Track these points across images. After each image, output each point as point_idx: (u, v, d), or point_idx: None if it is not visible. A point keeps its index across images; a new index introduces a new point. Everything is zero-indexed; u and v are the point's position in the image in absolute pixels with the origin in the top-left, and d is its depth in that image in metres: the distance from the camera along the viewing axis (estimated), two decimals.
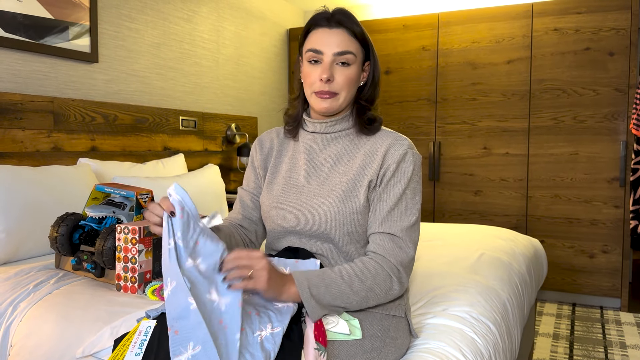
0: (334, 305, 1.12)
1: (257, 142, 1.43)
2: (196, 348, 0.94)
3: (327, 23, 1.23)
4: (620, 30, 3.37)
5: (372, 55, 1.29)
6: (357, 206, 1.22)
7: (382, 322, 1.21)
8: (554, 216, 3.60)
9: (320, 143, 1.32)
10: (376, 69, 1.31)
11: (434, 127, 3.96)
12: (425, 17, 3.96)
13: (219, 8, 3.75)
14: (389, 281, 1.17)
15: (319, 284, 1.10)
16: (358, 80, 1.27)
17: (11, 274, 1.74)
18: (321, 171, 1.28)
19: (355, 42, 1.24)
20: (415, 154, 1.25)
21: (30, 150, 2.34)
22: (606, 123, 3.44)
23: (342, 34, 1.22)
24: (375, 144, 1.27)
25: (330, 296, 1.10)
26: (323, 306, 1.10)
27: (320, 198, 1.24)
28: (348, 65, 1.23)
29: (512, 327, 1.64)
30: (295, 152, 1.35)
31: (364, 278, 1.14)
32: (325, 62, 1.22)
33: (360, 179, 1.24)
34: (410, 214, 1.21)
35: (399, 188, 1.21)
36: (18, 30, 2.36)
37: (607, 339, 2.93)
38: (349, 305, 1.14)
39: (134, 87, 3.03)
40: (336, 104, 1.25)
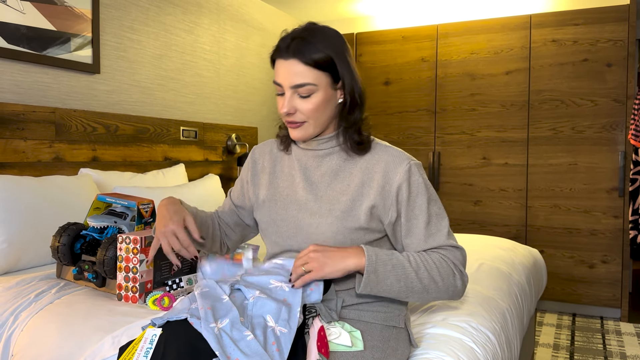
0: (392, 288, 1.14)
1: (251, 158, 1.42)
2: (224, 321, 1.02)
3: (284, 53, 1.16)
4: (617, 42, 3.40)
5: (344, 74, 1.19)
6: (357, 226, 1.21)
7: (382, 333, 1.21)
8: (553, 226, 3.61)
9: (314, 160, 1.29)
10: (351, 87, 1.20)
11: (434, 138, 3.98)
12: (424, 28, 3.99)
13: (220, 20, 3.78)
14: (452, 277, 1.19)
15: (386, 261, 1.13)
16: (328, 104, 1.20)
17: (12, 283, 1.74)
18: (319, 189, 1.25)
19: (313, 71, 1.15)
20: (417, 164, 1.24)
21: (32, 161, 2.35)
22: (605, 133, 3.45)
23: (297, 65, 1.15)
24: (372, 160, 1.24)
25: (394, 276, 1.13)
26: (381, 285, 1.13)
27: (319, 217, 1.22)
28: (309, 96, 1.17)
29: (512, 337, 1.65)
30: (291, 168, 1.32)
31: (429, 267, 1.16)
32: (285, 95, 1.18)
33: (359, 199, 1.21)
34: (442, 219, 1.23)
35: (422, 201, 1.21)
36: (21, 41, 2.38)
37: (608, 349, 2.93)
38: (409, 291, 1.16)
39: (135, 98, 3.05)
40: (308, 132, 1.21)
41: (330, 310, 1.17)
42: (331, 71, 1.18)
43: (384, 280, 1.13)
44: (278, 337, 1.03)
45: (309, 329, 1.12)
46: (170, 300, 1.52)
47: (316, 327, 1.09)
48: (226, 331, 1.00)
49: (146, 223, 1.79)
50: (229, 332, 1.00)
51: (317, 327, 1.09)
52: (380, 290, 1.14)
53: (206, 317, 1.01)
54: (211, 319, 1.01)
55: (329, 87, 1.19)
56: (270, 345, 1.00)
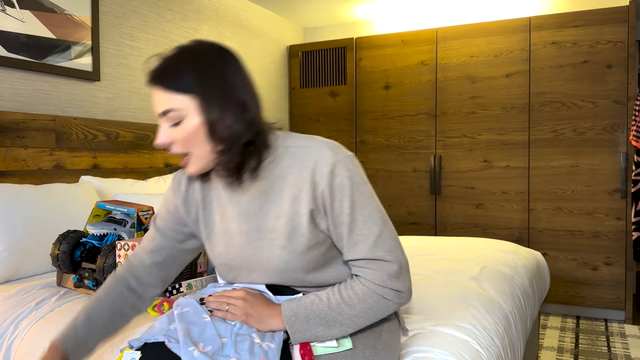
0: (325, 335, 1.09)
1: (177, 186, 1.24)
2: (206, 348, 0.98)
3: (149, 81, 1.07)
4: (617, 43, 3.40)
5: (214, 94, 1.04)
6: (305, 244, 1.10)
7: (373, 328, 1.18)
8: (556, 228, 3.60)
9: (235, 202, 1.15)
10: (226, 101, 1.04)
11: (434, 141, 3.98)
12: (424, 32, 3.99)
13: (220, 26, 3.79)
14: (382, 301, 1.10)
15: (305, 317, 1.08)
16: (205, 129, 1.05)
17: (13, 292, 1.74)
18: (252, 217, 1.13)
19: (176, 96, 1.03)
20: (342, 160, 1.08)
21: (32, 169, 2.35)
22: (606, 135, 3.45)
23: (159, 92, 1.05)
24: (297, 169, 1.10)
25: (320, 326, 1.08)
26: (314, 337, 1.09)
27: (265, 251, 1.12)
28: (178, 123, 1.05)
29: (515, 340, 1.64)
30: (219, 197, 1.18)
31: (353, 302, 1.09)
32: (159, 127, 1.09)
33: (296, 218, 1.10)
34: (370, 225, 1.09)
35: (346, 206, 1.07)
36: (21, 50, 2.39)
37: (612, 351, 2.91)
38: (345, 329, 1.10)
39: (135, 105, 3.06)
40: (197, 165, 1.09)
41: None
42: (198, 93, 1.04)
43: (313, 332, 1.08)
44: (266, 352, 1.01)
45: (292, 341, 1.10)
46: (170, 306, 1.51)
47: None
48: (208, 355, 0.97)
49: (146, 230, 1.78)
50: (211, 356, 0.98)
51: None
52: (312, 337, 1.09)
53: (185, 341, 0.99)
54: (189, 343, 0.99)
55: (199, 111, 1.04)
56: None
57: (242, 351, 1.00)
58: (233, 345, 1.01)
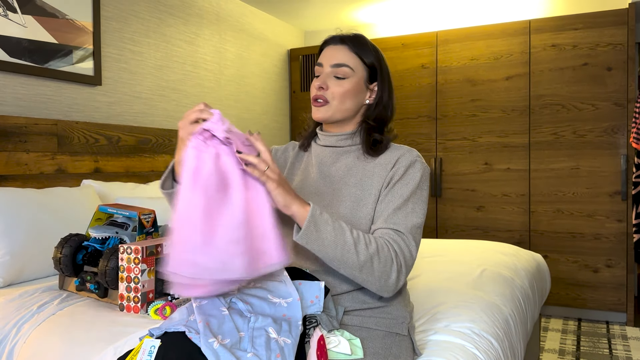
0: (327, 249, 1.11)
1: (273, 150, 1.49)
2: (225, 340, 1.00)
3: (336, 41, 1.31)
4: (617, 46, 3.40)
5: (380, 76, 1.32)
6: (365, 214, 1.24)
7: (384, 340, 1.21)
8: (556, 231, 3.60)
9: (331, 156, 1.35)
10: (385, 91, 1.33)
11: (435, 144, 3.98)
12: (424, 35, 4.01)
13: (221, 30, 3.80)
14: (390, 265, 1.14)
15: (328, 220, 1.12)
16: (357, 95, 1.30)
17: (15, 295, 1.75)
18: (332, 182, 1.31)
19: (355, 58, 1.29)
20: (424, 164, 1.28)
21: (34, 173, 2.37)
22: (606, 137, 3.45)
23: (342, 49, 1.29)
24: (386, 157, 1.30)
25: (332, 237, 1.11)
26: (319, 241, 1.10)
27: (330, 208, 1.26)
28: (343, 79, 1.28)
29: (515, 343, 1.64)
30: (308, 164, 1.39)
31: (370, 246, 1.13)
32: (323, 74, 1.30)
33: (369, 189, 1.26)
34: (415, 216, 1.21)
35: (407, 190, 1.22)
36: (23, 55, 2.40)
37: (614, 354, 2.91)
38: (343, 261, 1.11)
39: (136, 109, 3.07)
40: (329, 113, 1.30)
41: (331, 318, 1.17)
42: (370, 70, 1.31)
43: (322, 237, 1.11)
44: (282, 348, 1.02)
45: (309, 338, 1.11)
46: (172, 310, 1.52)
47: (316, 336, 1.09)
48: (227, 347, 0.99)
49: (147, 233, 1.79)
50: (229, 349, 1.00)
51: (316, 337, 1.08)
52: (316, 247, 1.12)
53: (205, 332, 1.01)
54: (209, 334, 1.00)
55: (363, 81, 1.30)
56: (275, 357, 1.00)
57: (259, 346, 1.01)
58: (250, 340, 1.03)
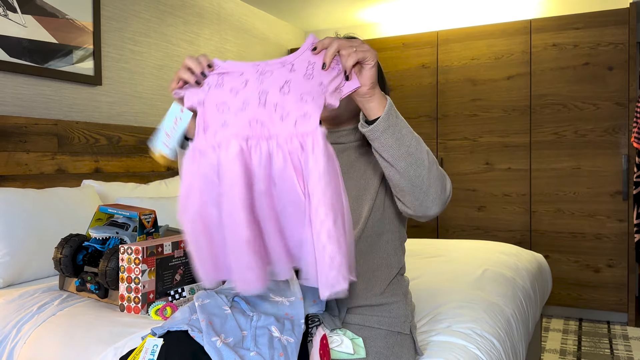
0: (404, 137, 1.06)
1: None
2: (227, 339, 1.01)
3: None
4: (618, 45, 3.40)
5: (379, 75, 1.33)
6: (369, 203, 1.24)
7: (386, 339, 1.20)
8: (558, 231, 3.59)
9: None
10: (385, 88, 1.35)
11: (436, 144, 3.98)
12: (425, 35, 4.00)
13: (221, 30, 3.80)
14: (443, 173, 1.11)
15: (401, 116, 1.09)
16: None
17: (15, 295, 1.75)
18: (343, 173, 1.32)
19: None
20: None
21: (34, 173, 2.36)
22: (607, 137, 3.44)
23: None
24: None
25: (407, 129, 1.07)
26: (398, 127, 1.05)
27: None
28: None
29: (517, 343, 1.63)
30: None
31: (429, 153, 1.10)
32: None
33: (372, 179, 1.27)
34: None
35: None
36: (23, 54, 2.40)
37: (615, 354, 2.90)
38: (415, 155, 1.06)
39: (137, 109, 3.07)
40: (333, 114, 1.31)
41: (334, 317, 1.17)
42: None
43: (401, 126, 1.06)
44: (285, 347, 1.02)
45: (312, 337, 1.11)
46: (173, 310, 1.52)
47: (318, 335, 1.08)
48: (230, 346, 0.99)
49: (148, 233, 1.79)
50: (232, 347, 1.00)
51: (319, 336, 1.08)
52: (394, 136, 1.06)
53: (207, 331, 1.01)
54: (212, 333, 1.00)
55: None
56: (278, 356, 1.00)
57: (262, 345, 1.01)
58: (253, 339, 1.03)
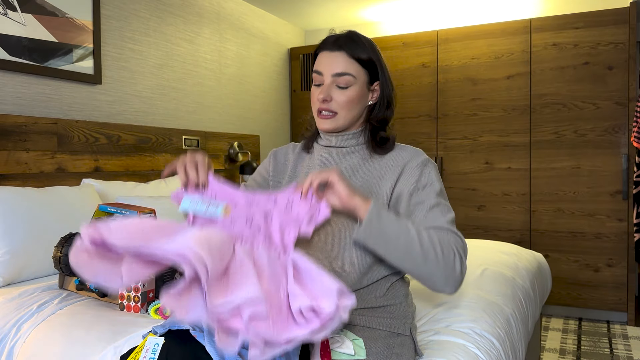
0: (390, 242, 1.08)
1: (273, 154, 1.45)
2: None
3: (331, 46, 1.25)
4: (618, 45, 3.40)
5: (381, 76, 1.29)
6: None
7: (387, 341, 1.20)
8: (557, 230, 3.60)
9: (335, 156, 1.32)
10: (386, 89, 1.30)
11: (435, 143, 3.98)
12: (425, 34, 4.00)
13: (221, 29, 3.80)
14: (452, 257, 1.11)
15: (390, 214, 1.10)
16: (361, 100, 1.27)
17: (15, 294, 1.75)
18: None
19: (355, 64, 1.24)
20: (433, 162, 1.28)
21: (34, 172, 2.36)
22: (607, 136, 3.44)
23: (341, 56, 1.24)
24: (392, 157, 1.28)
25: (396, 229, 1.08)
26: (382, 235, 1.08)
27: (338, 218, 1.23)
28: (346, 87, 1.24)
29: (516, 343, 1.64)
30: (311, 166, 1.35)
31: (431, 238, 1.11)
32: (325, 84, 1.25)
33: (375, 189, 1.24)
34: (448, 211, 1.20)
35: (431, 190, 1.21)
36: (23, 53, 2.39)
37: (615, 353, 2.90)
38: (407, 253, 1.08)
39: (137, 108, 3.06)
40: (336, 123, 1.27)
41: None
42: (370, 71, 1.27)
43: (385, 230, 1.08)
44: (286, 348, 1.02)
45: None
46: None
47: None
48: None
49: None
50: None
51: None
52: (378, 242, 1.08)
53: (209, 330, 1.00)
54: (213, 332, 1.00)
55: (365, 85, 1.27)
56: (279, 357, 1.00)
57: None
58: None
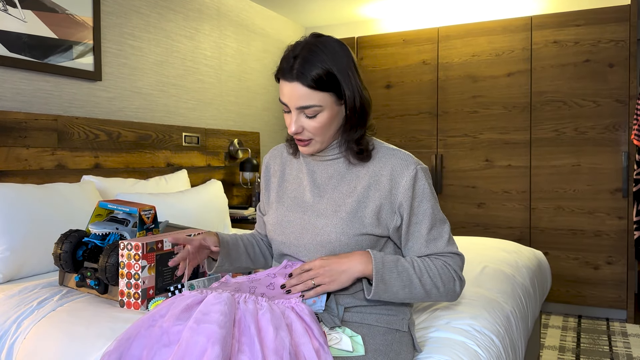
0: (397, 294, 1.17)
1: (264, 164, 1.46)
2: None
3: (287, 75, 1.16)
4: (619, 42, 3.39)
5: (347, 89, 1.18)
6: (362, 228, 1.21)
7: (385, 337, 1.21)
8: (557, 228, 3.60)
9: (320, 166, 1.31)
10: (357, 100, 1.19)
11: (436, 140, 3.97)
12: (425, 31, 3.99)
13: (221, 25, 3.79)
14: (453, 283, 1.22)
15: (392, 268, 1.16)
16: (334, 120, 1.20)
17: (15, 291, 1.75)
18: (325, 191, 1.27)
19: (315, 93, 1.15)
20: (423, 169, 1.24)
21: (34, 169, 2.36)
22: (607, 134, 3.44)
23: (300, 88, 1.14)
24: (379, 164, 1.24)
25: (400, 283, 1.17)
26: (388, 293, 1.17)
27: (324, 218, 1.23)
28: (314, 116, 1.17)
29: (516, 340, 1.64)
30: (299, 171, 1.35)
31: (432, 274, 1.20)
32: (292, 115, 1.19)
33: (365, 201, 1.22)
34: (444, 224, 1.25)
35: (427, 207, 1.22)
36: (23, 50, 2.39)
37: (614, 350, 2.91)
38: (412, 297, 1.19)
39: (137, 105, 3.06)
40: (315, 147, 1.24)
41: (333, 316, 1.17)
42: (334, 89, 1.17)
43: (391, 288, 1.16)
44: None
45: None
46: None
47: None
48: None
49: (148, 229, 1.79)
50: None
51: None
52: (386, 297, 1.18)
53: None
54: None
55: (334, 105, 1.19)
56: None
57: None
58: None
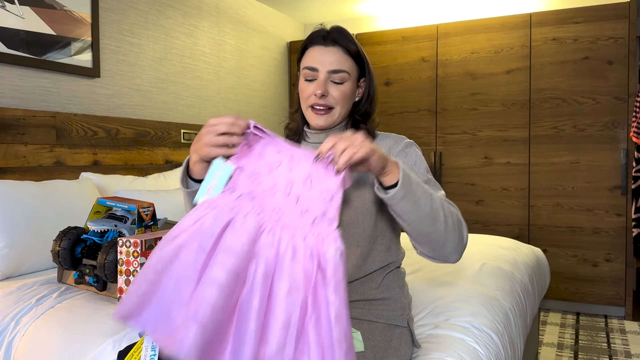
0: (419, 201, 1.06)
1: None
2: None
3: (323, 41, 1.24)
4: (618, 39, 3.39)
5: (367, 72, 1.30)
6: (362, 204, 1.22)
7: (384, 333, 1.21)
8: (556, 225, 3.60)
9: None
10: (371, 85, 1.32)
11: (435, 138, 3.97)
12: (424, 28, 3.99)
13: (220, 22, 3.78)
14: (460, 223, 1.14)
15: (416, 177, 1.08)
16: (353, 96, 1.29)
17: (14, 288, 1.74)
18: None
19: (349, 60, 1.25)
20: (415, 144, 1.30)
21: (32, 165, 2.35)
22: (606, 131, 3.44)
23: (337, 52, 1.24)
24: (377, 144, 1.29)
25: (422, 190, 1.07)
26: (412, 193, 1.05)
27: None
28: (342, 83, 1.24)
29: (515, 337, 1.64)
30: None
31: (445, 206, 1.12)
32: (320, 79, 1.24)
33: (364, 178, 1.24)
34: (439, 188, 1.21)
35: (421, 167, 1.24)
36: (21, 46, 2.38)
37: (612, 348, 2.91)
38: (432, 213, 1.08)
39: (135, 102, 3.05)
40: (331, 119, 1.27)
41: None
42: (360, 66, 1.28)
43: (416, 189, 1.06)
44: None
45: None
46: None
47: None
48: None
49: (146, 226, 1.78)
50: None
51: None
52: (411, 198, 1.05)
53: None
54: None
55: (355, 81, 1.28)
56: None
57: None
58: None
